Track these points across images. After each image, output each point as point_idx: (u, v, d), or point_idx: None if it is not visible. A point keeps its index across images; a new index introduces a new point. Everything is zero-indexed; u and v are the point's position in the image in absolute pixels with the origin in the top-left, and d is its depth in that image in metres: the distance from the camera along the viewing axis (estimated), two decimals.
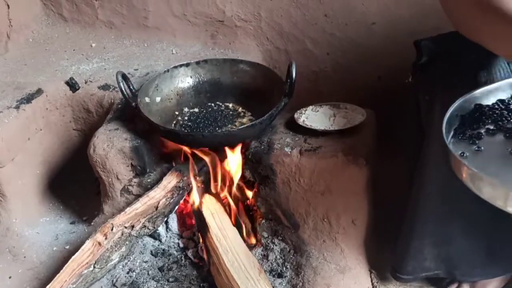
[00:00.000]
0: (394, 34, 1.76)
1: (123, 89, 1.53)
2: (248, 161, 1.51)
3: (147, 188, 1.56)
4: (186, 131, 1.53)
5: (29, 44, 2.01)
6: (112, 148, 1.52)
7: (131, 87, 1.57)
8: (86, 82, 1.81)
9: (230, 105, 1.66)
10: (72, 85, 1.80)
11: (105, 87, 1.79)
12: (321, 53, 1.86)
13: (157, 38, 2.00)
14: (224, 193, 1.58)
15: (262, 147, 1.51)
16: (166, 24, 1.97)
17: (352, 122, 1.50)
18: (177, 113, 1.65)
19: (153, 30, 2.00)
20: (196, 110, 1.66)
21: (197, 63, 1.69)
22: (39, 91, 1.76)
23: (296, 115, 1.54)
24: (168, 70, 1.66)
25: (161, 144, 1.54)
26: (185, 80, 1.70)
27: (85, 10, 2.03)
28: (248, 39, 1.92)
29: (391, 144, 1.63)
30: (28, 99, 1.72)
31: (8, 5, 1.93)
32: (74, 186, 1.85)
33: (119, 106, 1.69)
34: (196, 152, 1.54)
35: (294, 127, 1.52)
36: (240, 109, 1.64)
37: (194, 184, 1.54)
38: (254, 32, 1.89)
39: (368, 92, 1.82)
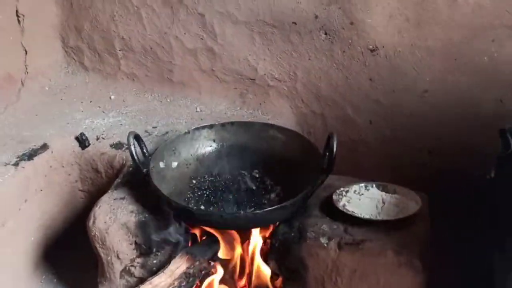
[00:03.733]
0: (449, 104, 1.59)
1: (134, 153, 1.33)
2: (273, 250, 1.31)
3: (152, 271, 1.37)
4: (202, 209, 1.35)
5: (44, 93, 1.87)
6: (114, 221, 1.35)
7: (144, 150, 1.40)
8: (98, 139, 1.67)
9: (257, 175, 1.47)
10: (82, 141, 1.65)
11: (118, 145, 1.64)
12: (363, 121, 1.70)
13: (182, 93, 1.87)
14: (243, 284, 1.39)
15: (292, 234, 1.31)
16: (192, 79, 1.85)
17: (405, 212, 1.28)
18: (194, 181, 1.47)
19: (178, 85, 1.87)
20: (218, 179, 1.48)
21: (222, 125, 1.52)
22: (44, 146, 1.60)
23: (335, 197, 1.34)
24: (189, 132, 1.49)
25: (175, 219, 1.36)
26: (207, 144, 1.52)
27: (107, 60, 1.91)
28: (281, 100, 1.78)
29: (442, 242, 1.41)
30: (31, 155, 1.57)
31: (26, 51, 1.83)
32: (73, 255, 1.62)
33: (130, 169, 1.51)
34: (213, 232, 1.37)
35: (332, 210, 1.32)
36: (268, 181, 1.46)
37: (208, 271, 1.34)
38: (288, 93, 1.75)
39: (416, 169, 1.64)
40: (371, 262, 1.22)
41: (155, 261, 1.38)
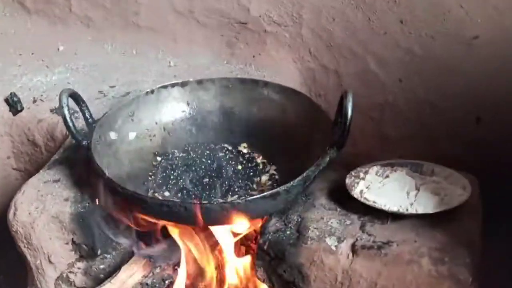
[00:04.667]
0: (506, 56, 1.52)
1: (68, 118, 1.25)
2: (261, 254, 1.24)
3: (99, 279, 1.34)
4: (156, 198, 1.28)
5: None
6: (42, 213, 1.29)
7: (87, 115, 1.34)
8: (34, 101, 1.63)
9: (245, 150, 1.43)
10: (13, 104, 1.60)
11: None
12: (390, 78, 1.65)
13: (151, 43, 1.82)
14: None
15: (288, 231, 1.25)
16: (164, 24, 1.79)
17: (447, 202, 1.21)
18: (159, 159, 1.41)
19: (146, 32, 1.82)
20: (192, 155, 1.43)
21: (199, 82, 1.47)
22: None
23: (348, 180, 1.29)
24: (152, 91, 1.44)
25: (123, 211, 1.28)
26: (179, 108, 1.47)
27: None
28: (282, 51, 1.73)
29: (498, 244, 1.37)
30: None
31: None
32: (6, 254, 1.55)
33: (74, 142, 1.43)
34: (179, 230, 1.28)
35: (344, 198, 1.29)
36: (259, 159, 1.41)
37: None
38: (291, 41, 1.70)
39: (461, 143, 1.60)
40: (398, 273, 1.15)
41: (102, 267, 1.34)
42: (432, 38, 1.56)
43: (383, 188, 1.27)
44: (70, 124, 1.24)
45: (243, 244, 1.36)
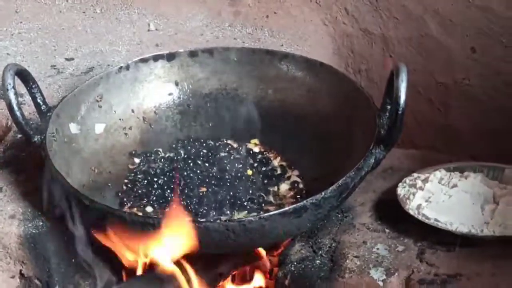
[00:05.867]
0: None
1: (15, 106, 1.30)
2: None
3: None
4: (135, 213, 1.33)
5: None
6: None
7: (39, 100, 1.40)
8: None
9: (256, 149, 1.50)
10: None
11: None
12: (459, 47, 1.71)
13: None
14: None
15: (318, 261, 1.30)
16: None
17: None
18: (138, 161, 1.48)
19: None
20: (182, 156, 1.49)
21: (192, 54, 1.53)
22: None
23: (401, 190, 1.33)
24: (127, 67, 1.51)
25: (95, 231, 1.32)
26: (164, 90, 1.54)
27: None
28: (306, 10, 1.81)
29: None
30: None
31: None
32: None
33: (19, 136, 1.52)
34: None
35: (396, 216, 1.33)
36: (276, 161, 1.48)
37: None
38: None
39: None
40: None
41: None
42: None
43: (449, 201, 1.31)
44: (18, 114, 1.29)
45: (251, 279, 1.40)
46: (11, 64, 1.33)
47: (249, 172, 1.43)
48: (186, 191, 1.38)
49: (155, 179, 1.42)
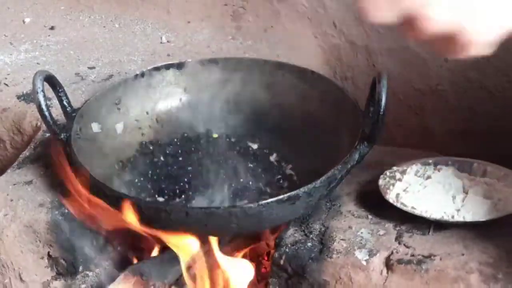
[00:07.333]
0: None
1: (44, 107, 1.30)
2: (277, 271, 1.30)
3: None
4: (148, 201, 1.34)
5: None
6: (13, 221, 1.35)
7: (65, 103, 1.40)
8: None
9: (255, 146, 1.49)
10: None
11: (30, 97, 1.65)
12: (434, 57, 1.69)
13: (138, 14, 1.92)
14: None
15: (309, 243, 1.30)
16: None
17: (502, 207, 1.24)
18: (153, 158, 1.47)
19: (132, 0, 1.93)
20: (191, 153, 1.48)
21: (200, 63, 1.54)
22: None
23: (382, 181, 1.32)
24: (143, 74, 1.50)
25: (110, 218, 1.34)
26: (175, 95, 1.54)
27: None
28: (299, 24, 1.80)
29: None
30: None
31: None
32: None
33: (47, 135, 1.51)
34: (175, 241, 1.31)
35: (378, 204, 1.32)
36: (273, 157, 1.47)
37: None
38: (311, 11, 1.77)
39: None
40: None
41: (83, 286, 1.39)
42: None
43: (424, 191, 1.31)
44: (47, 114, 1.29)
45: (253, 260, 1.41)
46: (40, 71, 1.33)
47: (249, 165, 1.43)
48: (193, 184, 1.39)
49: (168, 173, 1.42)
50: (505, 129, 1.66)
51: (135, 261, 1.41)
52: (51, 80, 1.36)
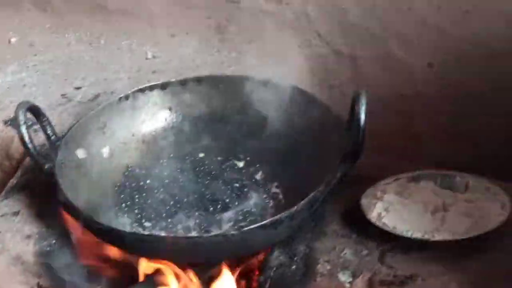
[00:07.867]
0: None
1: (27, 138, 1.29)
2: None
3: None
4: (134, 232, 1.31)
5: None
6: (1, 253, 1.35)
7: (49, 132, 1.39)
8: None
9: (241, 164, 1.49)
10: None
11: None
12: (418, 63, 1.67)
13: (123, 30, 1.92)
14: None
15: (294, 266, 1.29)
16: (138, 5, 1.90)
17: (483, 224, 1.23)
18: (140, 182, 1.47)
19: (116, 16, 1.93)
20: (177, 173, 1.48)
21: (183, 84, 1.53)
22: None
23: (365, 200, 1.32)
24: (127, 97, 1.50)
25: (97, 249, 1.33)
26: (160, 115, 1.54)
27: None
28: (284, 36, 1.76)
29: None
30: None
31: None
32: None
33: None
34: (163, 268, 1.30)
35: (362, 222, 1.31)
36: (258, 175, 1.46)
37: None
38: (295, 22, 1.75)
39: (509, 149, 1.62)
40: None
41: None
42: (466, 13, 1.57)
43: (404, 210, 1.30)
44: (30, 146, 1.28)
45: (245, 278, 1.39)
46: (23, 102, 1.32)
47: (235, 185, 1.42)
48: (179, 207, 1.38)
49: (154, 197, 1.42)
50: (491, 132, 1.64)
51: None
52: (34, 110, 1.35)
